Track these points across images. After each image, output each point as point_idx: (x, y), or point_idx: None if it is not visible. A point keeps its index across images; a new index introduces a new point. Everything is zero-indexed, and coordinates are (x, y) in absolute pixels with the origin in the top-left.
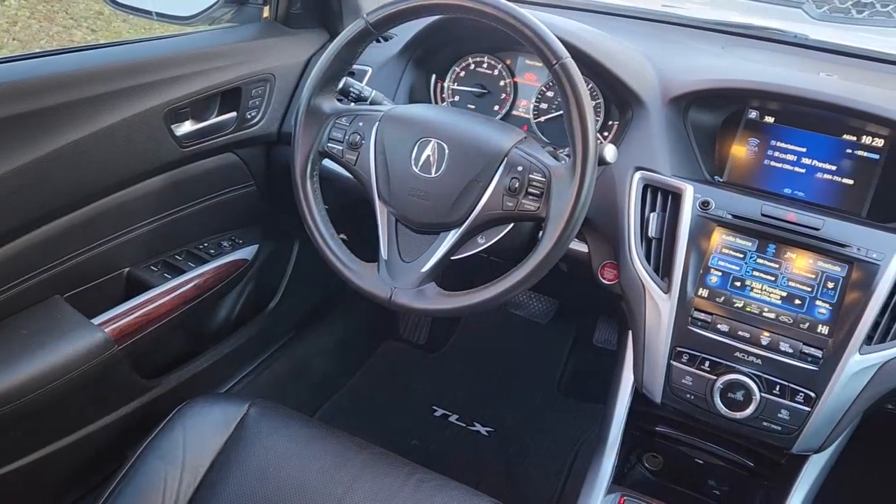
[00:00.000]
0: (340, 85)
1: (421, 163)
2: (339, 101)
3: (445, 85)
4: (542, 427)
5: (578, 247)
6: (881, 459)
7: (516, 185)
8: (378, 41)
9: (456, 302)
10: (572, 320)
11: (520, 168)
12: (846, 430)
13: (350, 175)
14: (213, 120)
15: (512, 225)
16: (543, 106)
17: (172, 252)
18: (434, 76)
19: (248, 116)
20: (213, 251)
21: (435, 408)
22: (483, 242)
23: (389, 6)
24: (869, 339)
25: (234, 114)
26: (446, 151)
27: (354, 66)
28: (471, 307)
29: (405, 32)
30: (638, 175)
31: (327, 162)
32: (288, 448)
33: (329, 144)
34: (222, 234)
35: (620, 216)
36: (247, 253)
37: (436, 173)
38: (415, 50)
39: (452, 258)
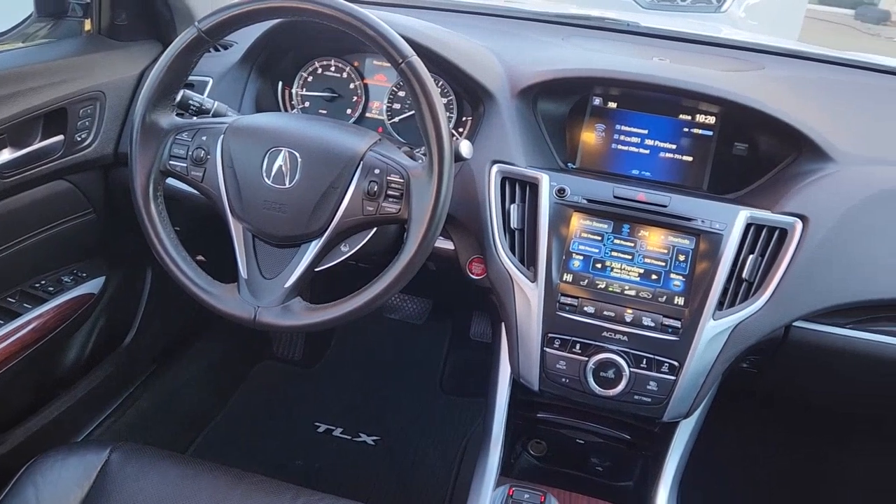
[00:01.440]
0: (178, 98)
1: (273, 174)
2: (179, 115)
3: (294, 91)
4: (428, 428)
5: (444, 245)
6: (741, 412)
7: (375, 189)
8: (216, 49)
9: (325, 314)
10: (447, 318)
11: (377, 171)
12: (709, 393)
13: (198, 193)
14: (37, 145)
15: (375, 229)
16: (396, 106)
17: (4, 294)
18: (281, 83)
19: (78, 139)
20: (52, 289)
21: (318, 424)
22: (347, 250)
23: (221, 12)
24: (720, 305)
25: (60, 137)
26: (299, 160)
27: (192, 78)
28: (340, 318)
29: (245, 39)
30: (495, 168)
31: (173, 181)
32: (159, 491)
33: (171, 162)
34: (62, 269)
35: (482, 210)
36: (92, 286)
37: (290, 183)
38: (257, 57)
39: (316, 270)
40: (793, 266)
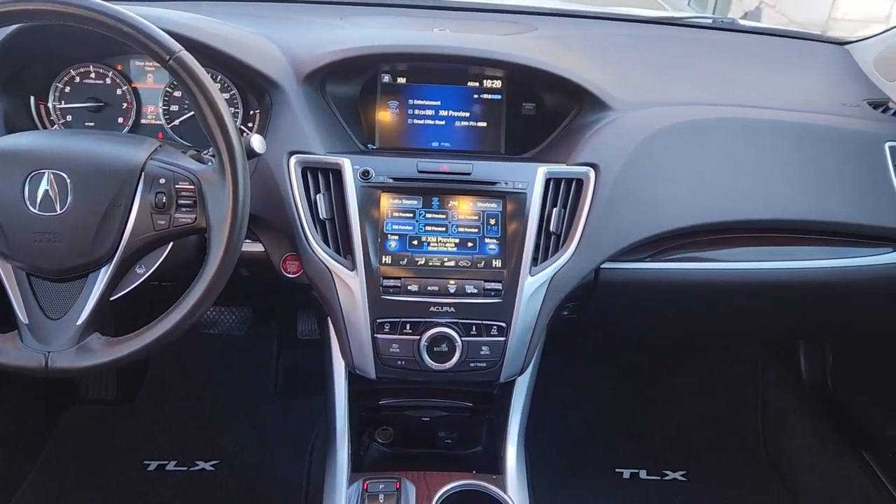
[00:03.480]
0: None
1: (39, 201)
2: None
3: (50, 106)
4: (270, 438)
5: (253, 247)
6: (572, 358)
7: (164, 200)
8: None
9: (130, 346)
10: (271, 322)
11: (162, 180)
12: (538, 347)
13: None
14: None
15: (172, 244)
16: (174, 108)
17: None
18: (33, 98)
19: None
20: None
21: (147, 462)
22: (144, 272)
23: None
24: (535, 261)
25: None
26: (68, 181)
27: None
28: (148, 347)
29: None
30: (293, 159)
31: None
32: None
33: None
34: None
35: (287, 205)
36: None
37: (62, 209)
38: None
39: (112, 299)
40: (592, 213)
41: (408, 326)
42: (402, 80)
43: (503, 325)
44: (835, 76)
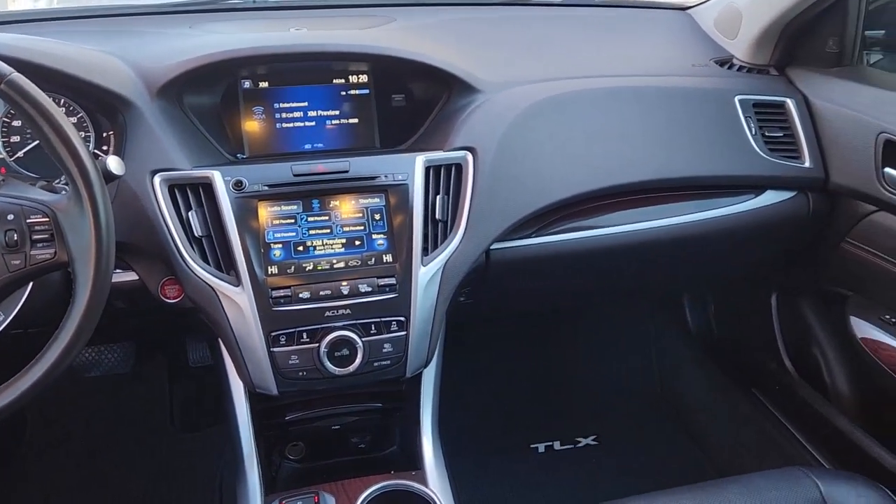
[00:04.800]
0: None
1: None
2: None
3: None
4: (174, 476)
5: (126, 276)
6: (475, 342)
7: (15, 238)
8: None
9: None
10: (158, 354)
11: (10, 216)
12: (441, 336)
13: None
14: None
15: (31, 284)
16: (15, 139)
17: None
18: None
19: None
20: None
21: None
22: (2, 319)
23: None
24: (426, 251)
25: None
26: None
27: None
28: (16, 402)
29: None
30: (157, 178)
31: None
32: None
33: None
34: None
35: (158, 227)
36: None
37: None
38: None
39: None
40: (475, 196)
41: (304, 335)
42: (264, 85)
43: (402, 319)
44: (682, 40)
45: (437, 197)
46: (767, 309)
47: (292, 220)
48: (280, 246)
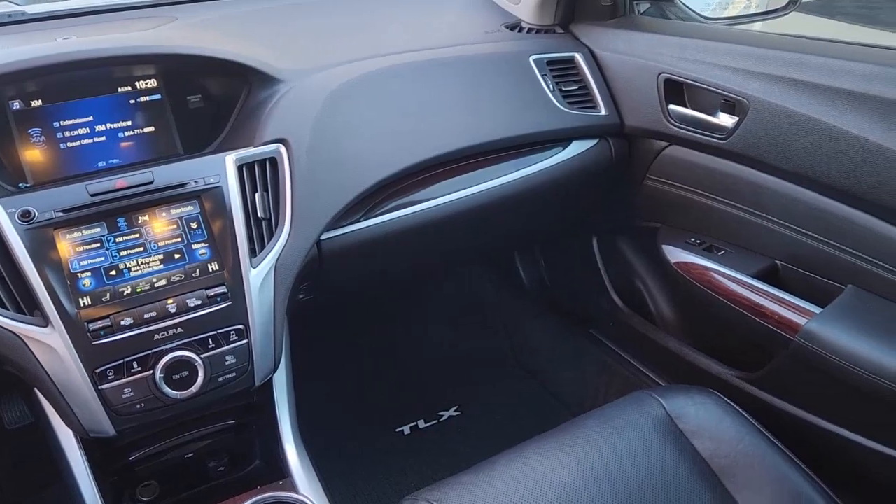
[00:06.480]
0: None
1: None
2: None
3: None
4: None
5: None
6: (319, 335)
7: None
8: None
9: None
10: None
11: None
12: (285, 338)
13: None
14: None
15: None
16: None
17: None
18: None
19: None
20: None
21: None
22: None
23: None
24: (253, 252)
25: None
26: None
27: None
28: None
29: None
30: None
31: None
32: None
33: None
34: None
35: None
36: None
37: None
38: None
39: None
40: (296, 187)
41: (135, 364)
42: (37, 103)
43: (241, 327)
44: (471, 10)
45: (256, 195)
46: (591, 253)
47: (98, 244)
48: (88, 274)
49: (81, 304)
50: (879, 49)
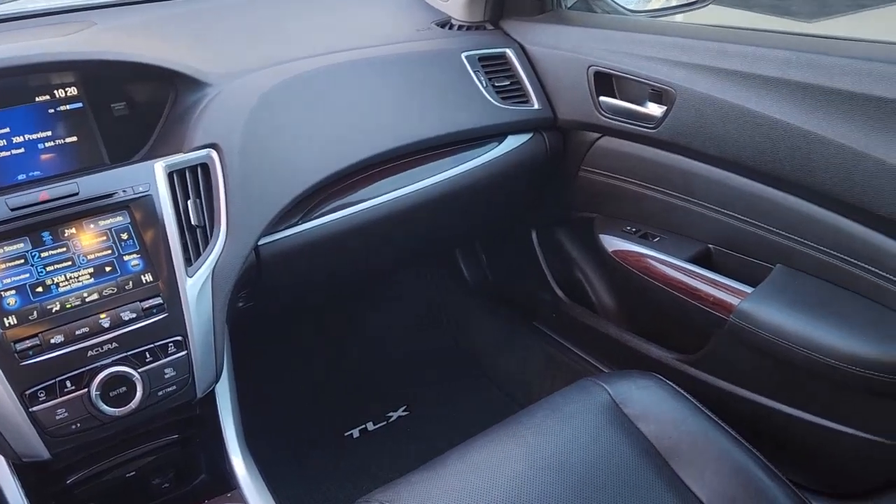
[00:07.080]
0: None
1: None
2: None
3: None
4: None
5: None
6: (265, 340)
7: None
8: None
9: None
10: None
11: None
12: (226, 347)
13: None
14: None
15: None
16: None
17: None
18: None
19: None
20: None
21: None
22: None
23: None
24: (188, 261)
25: None
26: None
27: None
28: None
29: None
30: None
31: None
32: None
33: None
34: None
35: None
36: None
37: None
38: None
39: None
40: (230, 193)
41: (68, 383)
42: None
43: (179, 338)
44: (403, 8)
45: (189, 202)
46: (531, 246)
47: (22, 261)
48: (13, 292)
49: (6, 325)
50: (793, 36)
